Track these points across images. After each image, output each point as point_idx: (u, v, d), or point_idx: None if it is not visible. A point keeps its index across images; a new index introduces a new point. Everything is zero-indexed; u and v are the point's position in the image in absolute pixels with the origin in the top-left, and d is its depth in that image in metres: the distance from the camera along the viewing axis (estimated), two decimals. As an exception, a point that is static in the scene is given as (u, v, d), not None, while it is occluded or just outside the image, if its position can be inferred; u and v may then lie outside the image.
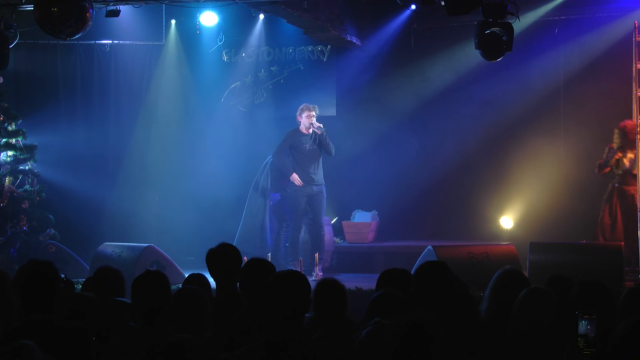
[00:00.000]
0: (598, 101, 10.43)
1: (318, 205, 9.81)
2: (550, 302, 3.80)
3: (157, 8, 11.08)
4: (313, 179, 9.76)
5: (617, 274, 7.98)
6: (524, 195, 10.85)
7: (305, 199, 9.78)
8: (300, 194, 9.75)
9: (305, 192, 9.76)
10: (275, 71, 11.78)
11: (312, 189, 9.76)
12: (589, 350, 3.39)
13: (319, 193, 9.79)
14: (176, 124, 11.85)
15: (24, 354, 2.99)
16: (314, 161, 9.76)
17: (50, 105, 11.56)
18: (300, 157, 9.77)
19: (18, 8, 8.76)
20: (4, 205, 9.83)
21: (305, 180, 9.73)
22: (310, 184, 9.75)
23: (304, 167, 9.74)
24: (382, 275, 4.40)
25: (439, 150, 10.83)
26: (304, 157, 9.75)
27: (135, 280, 3.93)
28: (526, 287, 3.95)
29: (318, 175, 9.80)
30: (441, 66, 11.15)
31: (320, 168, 9.83)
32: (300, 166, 9.76)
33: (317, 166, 9.79)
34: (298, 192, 9.75)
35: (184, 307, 3.86)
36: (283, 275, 3.69)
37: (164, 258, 9.13)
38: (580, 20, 10.60)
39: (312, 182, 9.75)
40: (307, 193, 9.76)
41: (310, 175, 9.74)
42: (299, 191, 9.75)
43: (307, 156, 9.74)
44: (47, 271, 3.84)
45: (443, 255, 8.17)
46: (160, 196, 11.72)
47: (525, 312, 3.75)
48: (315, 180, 9.77)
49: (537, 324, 3.70)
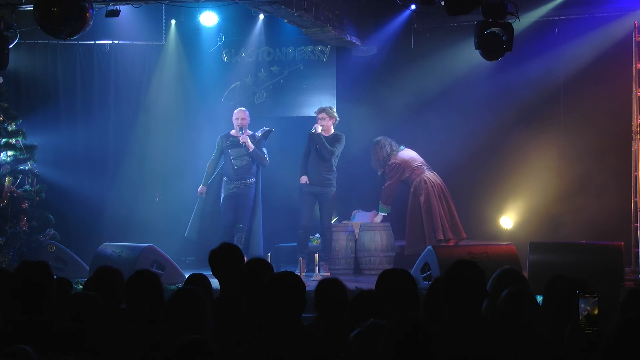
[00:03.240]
0: (598, 101, 10.43)
1: (322, 207, 9.95)
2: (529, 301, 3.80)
3: (157, 8, 11.08)
4: (319, 180, 9.89)
5: (617, 274, 7.98)
6: (524, 195, 10.85)
7: (313, 199, 9.93)
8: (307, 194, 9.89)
9: (313, 192, 9.90)
10: (275, 71, 11.78)
11: (318, 189, 9.89)
12: (591, 329, 3.42)
13: (322, 194, 9.90)
14: (176, 124, 11.85)
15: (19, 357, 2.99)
16: (320, 163, 9.95)
17: (50, 105, 11.55)
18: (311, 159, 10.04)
19: (18, 8, 8.76)
20: (4, 205, 9.82)
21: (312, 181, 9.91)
22: (319, 185, 9.89)
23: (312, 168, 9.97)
24: (381, 275, 4.40)
25: (438, 150, 10.83)
26: (312, 159, 10.03)
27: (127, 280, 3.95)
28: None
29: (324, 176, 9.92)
30: (441, 66, 11.15)
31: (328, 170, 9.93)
32: (310, 167, 10.00)
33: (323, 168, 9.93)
34: (305, 193, 9.92)
35: (181, 307, 3.85)
36: (277, 276, 3.69)
37: (164, 258, 9.12)
38: (580, 20, 10.60)
39: (319, 183, 9.89)
40: (314, 192, 9.90)
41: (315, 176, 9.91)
42: (305, 191, 9.91)
43: (316, 158, 10.00)
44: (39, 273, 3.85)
45: (443, 255, 8.17)
46: (160, 196, 11.71)
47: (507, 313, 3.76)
48: (321, 182, 9.90)
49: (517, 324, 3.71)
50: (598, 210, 10.18)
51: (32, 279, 3.82)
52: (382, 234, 10.23)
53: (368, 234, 10.22)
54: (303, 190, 9.91)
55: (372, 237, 10.19)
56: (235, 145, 9.96)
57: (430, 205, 9.86)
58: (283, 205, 10.92)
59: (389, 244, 10.24)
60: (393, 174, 10.16)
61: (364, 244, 10.22)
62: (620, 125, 10.01)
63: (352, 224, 10.41)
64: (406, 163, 10.14)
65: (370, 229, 10.26)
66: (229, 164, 9.98)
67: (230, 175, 9.94)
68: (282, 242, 10.76)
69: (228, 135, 10.10)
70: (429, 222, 9.84)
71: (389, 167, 10.19)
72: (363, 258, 10.23)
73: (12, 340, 3.46)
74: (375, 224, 10.36)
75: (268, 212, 10.41)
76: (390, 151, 10.22)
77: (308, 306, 3.82)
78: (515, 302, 3.76)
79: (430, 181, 9.99)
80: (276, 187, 10.86)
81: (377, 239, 10.18)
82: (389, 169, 10.19)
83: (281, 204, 10.94)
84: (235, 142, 9.97)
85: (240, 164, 9.92)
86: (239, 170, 9.92)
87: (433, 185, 9.97)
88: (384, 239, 10.21)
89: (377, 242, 10.17)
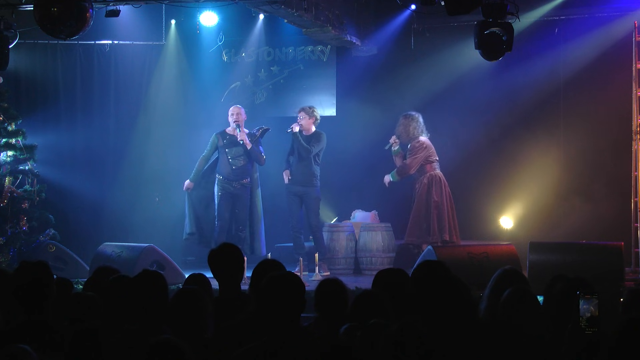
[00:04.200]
0: (598, 101, 10.44)
1: (306, 208, 9.88)
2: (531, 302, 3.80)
3: (157, 8, 11.08)
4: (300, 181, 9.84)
5: (617, 274, 7.98)
6: (524, 195, 10.85)
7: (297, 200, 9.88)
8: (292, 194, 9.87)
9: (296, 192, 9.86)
10: (275, 71, 11.78)
11: (301, 190, 9.85)
12: (591, 330, 3.42)
13: (305, 194, 9.85)
14: (176, 124, 11.85)
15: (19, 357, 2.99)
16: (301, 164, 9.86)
17: (50, 105, 11.55)
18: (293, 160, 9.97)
19: (18, 8, 8.76)
20: (4, 205, 9.82)
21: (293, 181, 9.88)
22: (301, 185, 9.85)
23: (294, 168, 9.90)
24: (377, 275, 4.40)
25: (438, 150, 10.79)
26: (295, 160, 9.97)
27: (132, 280, 3.93)
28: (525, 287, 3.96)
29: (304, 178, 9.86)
30: (441, 66, 11.16)
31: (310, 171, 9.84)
32: (293, 167, 9.92)
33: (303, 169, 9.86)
34: (289, 193, 9.90)
35: (183, 307, 3.85)
36: (276, 276, 3.69)
37: (164, 258, 9.12)
38: (580, 20, 10.60)
39: (300, 183, 9.84)
40: (297, 193, 9.86)
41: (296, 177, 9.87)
42: (290, 191, 9.90)
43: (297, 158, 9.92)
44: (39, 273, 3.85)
45: (443, 255, 8.18)
46: (160, 196, 11.71)
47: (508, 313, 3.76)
48: (302, 182, 9.85)
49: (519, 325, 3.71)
50: (598, 210, 10.18)
51: (32, 279, 3.82)
52: (383, 234, 10.21)
53: (368, 234, 10.20)
54: (287, 191, 9.88)
55: (372, 237, 10.18)
56: (233, 144, 9.77)
57: (442, 203, 9.74)
58: (283, 205, 10.90)
59: (390, 244, 10.23)
60: (419, 153, 9.78)
61: (364, 244, 10.21)
62: (620, 126, 10.01)
63: (352, 224, 10.41)
64: (430, 150, 9.88)
65: (370, 229, 10.25)
66: (226, 164, 9.77)
67: (228, 175, 9.77)
68: (282, 242, 10.76)
69: (224, 134, 9.85)
70: (438, 219, 9.70)
71: (418, 144, 9.82)
72: (363, 258, 10.22)
73: (12, 340, 3.46)
74: (376, 224, 10.35)
75: (267, 212, 10.39)
76: (420, 131, 9.93)
77: (308, 306, 3.82)
78: (518, 303, 3.75)
79: (443, 180, 9.88)
80: (276, 186, 10.85)
81: (378, 239, 10.17)
82: (417, 146, 9.82)
83: (281, 204, 10.92)
84: (233, 141, 9.77)
85: (239, 164, 9.78)
86: (237, 170, 9.77)
87: (445, 185, 9.88)
88: (384, 239, 10.19)
89: (377, 242, 10.16)
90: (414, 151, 9.81)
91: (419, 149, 9.80)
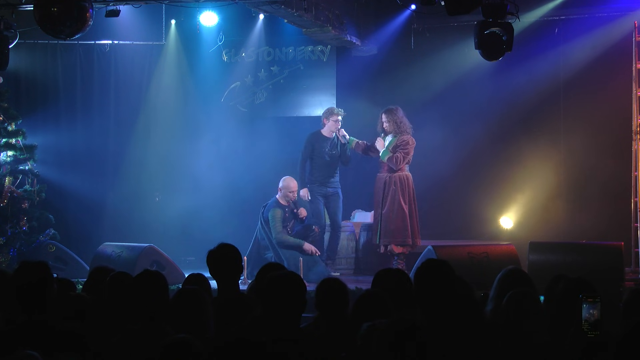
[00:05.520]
0: (598, 101, 10.44)
1: (334, 206, 9.77)
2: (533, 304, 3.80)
3: (157, 8, 11.08)
4: (330, 182, 9.75)
5: (617, 274, 7.98)
6: (524, 195, 10.85)
7: (322, 200, 9.77)
8: (316, 195, 9.74)
9: (321, 193, 9.75)
10: (275, 71, 11.78)
11: (328, 190, 9.76)
12: (593, 333, 3.41)
13: (334, 194, 9.78)
14: (176, 124, 11.85)
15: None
16: (333, 166, 9.77)
17: (50, 105, 11.55)
18: (320, 162, 9.73)
19: (18, 8, 8.76)
20: (4, 205, 9.83)
21: (322, 183, 9.73)
22: (326, 186, 9.74)
23: (322, 171, 9.72)
24: (377, 275, 4.41)
25: (438, 150, 10.83)
26: (324, 162, 9.72)
27: (134, 280, 3.93)
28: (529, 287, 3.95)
29: (335, 178, 9.81)
30: (441, 66, 11.16)
31: (337, 173, 9.82)
32: (319, 170, 9.73)
33: (334, 171, 9.78)
34: (314, 193, 9.74)
35: (184, 308, 3.85)
36: (277, 276, 3.68)
37: (164, 258, 9.12)
38: (580, 20, 10.60)
39: (329, 184, 9.75)
40: (322, 193, 9.76)
41: (327, 179, 9.73)
42: (314, 192, 9.74)
43: (328, 161, 9.72)
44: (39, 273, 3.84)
45: (443, 255, 8.17)
46: (160, 196, 11.71)
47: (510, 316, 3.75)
48: (331, 183, 9.77)
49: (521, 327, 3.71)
50: (598, 210, 10.19)
51: (32, 279, 3.81)
52: (383, 234, 10.19)
53: (368, 234, 10.19)
54: (313, 192, 9.73)
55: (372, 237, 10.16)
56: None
57: (411, 206, 9.60)
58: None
59: (390, 244, 10.21)
60: (411, 152, 9.50)
61: (364, 244, 10.19)
62: (620, 125, 10.01)
63: (352, 224, 10.40)
64: (413, 150, 9.59)
65: (370, 229, 10.23)
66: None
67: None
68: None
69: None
70: (414, 221, 9.56)
71: (412, 142, 9.53)
72: (363, 258, 10.20)
73: (12, 340, 3.45)
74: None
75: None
76: (408, 126, 9.62)
77: (308, 306, 3.82)
78: (519, 305, 3.74)
79: (410, 181, 9.57)
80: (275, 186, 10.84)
81: None
82: (410, 143, 9.51)
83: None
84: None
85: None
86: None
87: (411, 187, 9.61)
88: None
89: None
90: (406, 147, 9.51)
91: (412, 147, 9.54)
